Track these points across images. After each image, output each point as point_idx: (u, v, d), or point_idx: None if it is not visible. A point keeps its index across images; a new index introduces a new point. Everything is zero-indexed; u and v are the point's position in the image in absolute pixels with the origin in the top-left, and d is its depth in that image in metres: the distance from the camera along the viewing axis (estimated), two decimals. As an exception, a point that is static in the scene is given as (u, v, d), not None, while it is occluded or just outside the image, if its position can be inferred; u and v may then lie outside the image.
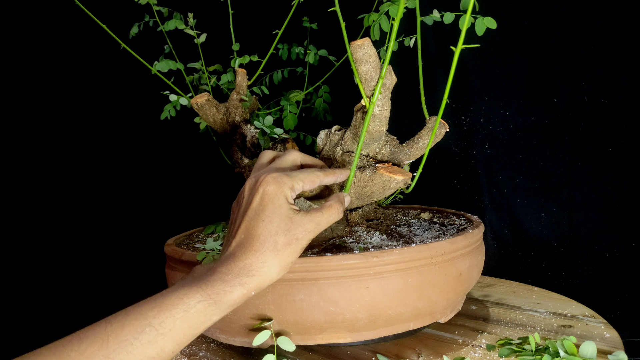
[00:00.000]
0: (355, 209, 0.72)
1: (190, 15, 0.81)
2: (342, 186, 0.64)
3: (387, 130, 0.64)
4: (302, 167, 0.57)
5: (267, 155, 0.57)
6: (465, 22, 0.55)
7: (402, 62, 0.72)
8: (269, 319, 0.57)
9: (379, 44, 0.61)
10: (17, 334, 1.11)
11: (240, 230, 0.48)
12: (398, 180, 0.61)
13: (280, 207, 0.48)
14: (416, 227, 0.72)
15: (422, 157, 0.66)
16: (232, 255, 0.46)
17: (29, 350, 0.40)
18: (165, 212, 1.22)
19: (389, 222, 0.75)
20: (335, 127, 0.69)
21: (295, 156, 0.56)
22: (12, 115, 1.12)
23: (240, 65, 0.80)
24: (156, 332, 0.40)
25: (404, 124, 0.76)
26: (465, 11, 0.56)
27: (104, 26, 0.78)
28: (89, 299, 1.16)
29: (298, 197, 0.58)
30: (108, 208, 1.21)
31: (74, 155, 1.18)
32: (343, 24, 0.57)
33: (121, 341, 0.40)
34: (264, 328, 0.56)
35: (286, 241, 0.47)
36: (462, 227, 0.72)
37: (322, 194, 0.63)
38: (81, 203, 1.19)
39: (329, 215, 0.51)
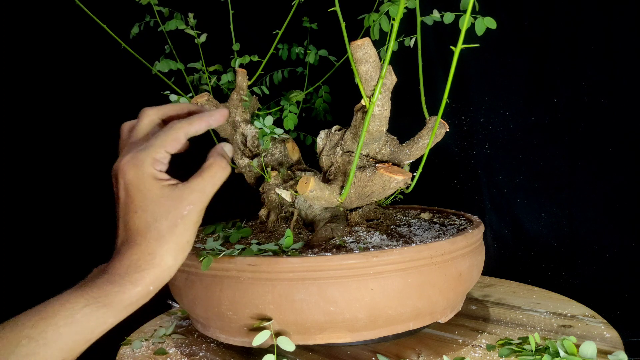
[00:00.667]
0: (355, 209, 0.72)
1: (191, 15, 0.81)
2: (341, 185, 0.64)
3: (387, 130, 0.64)
4: (166, 123, 0.49)
5: (124, 128, 0.49)
6: (465, 22, 0.55)
7: (402, 62, 0.72)
8: (269, 319, 0.57)
9: (379, 44, 0.61)
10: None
11: (120, 227, 0.44)
12: (398, 180, 0.61)
13: (148, 191, 0.42)
14: (416, 227, 0.72)
15: (422, 157, 0.66)
16: (118, 254, 0.43)
17: None
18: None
19: (389, 222, 0.75)
20: (335, 127, 0.70)
21: (150, 117, 0.48)
22: (12, 115, 1.12)
23: (241, 65, 0.80)
24: (36, 344, 0.37)
25: (404, 124, 0.76)
26: (465, 11, 0.56)
27: (104, 26, 0.78)
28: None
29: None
30: (108, 208, 1.21)
31: (74, 155, 1.18)
32: (343, 24, 0.57)
33: None
34: (263, 328, 0.56)
35: (170, 224, 0.42)
36: (462, 227, 0.72)
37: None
38: (81, 203, 1.19)
39: (211, 177, 0.44)
